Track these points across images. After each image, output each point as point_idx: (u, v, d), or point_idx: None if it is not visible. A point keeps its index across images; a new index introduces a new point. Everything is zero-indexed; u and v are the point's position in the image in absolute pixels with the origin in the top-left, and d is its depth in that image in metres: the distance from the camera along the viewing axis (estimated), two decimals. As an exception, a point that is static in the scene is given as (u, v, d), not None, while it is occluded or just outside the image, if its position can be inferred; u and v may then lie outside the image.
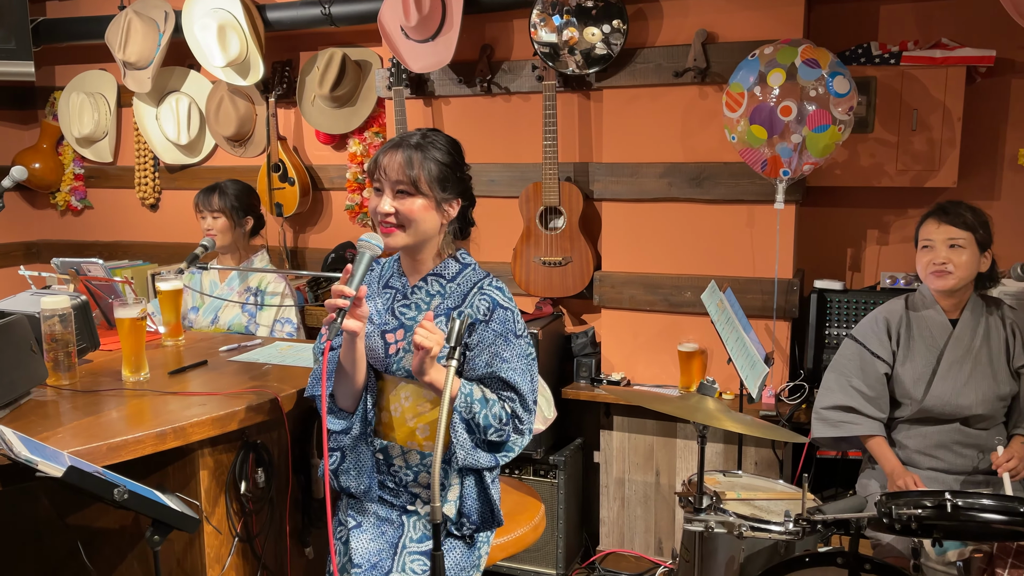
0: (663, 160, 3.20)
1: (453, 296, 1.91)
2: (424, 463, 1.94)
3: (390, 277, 1.99)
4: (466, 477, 1.95)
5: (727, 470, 2.54)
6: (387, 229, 1.84)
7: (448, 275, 1.93)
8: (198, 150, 4.39)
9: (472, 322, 1.86)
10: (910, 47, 3.00)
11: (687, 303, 3.21)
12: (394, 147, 1.85)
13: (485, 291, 1.89)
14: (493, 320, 1.87)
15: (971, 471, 2.40)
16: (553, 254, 3.38)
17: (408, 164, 1.82)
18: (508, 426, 1.87)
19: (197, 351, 2.57)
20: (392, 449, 1.95)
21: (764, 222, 3.08)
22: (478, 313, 1.87)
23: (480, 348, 1.86)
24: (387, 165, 1.83)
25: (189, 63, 4.26)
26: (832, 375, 2.55)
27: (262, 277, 3.18)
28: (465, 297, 1.90)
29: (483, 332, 1.87)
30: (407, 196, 1.83)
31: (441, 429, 1.56)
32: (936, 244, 2.39)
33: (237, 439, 2.05)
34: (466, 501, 1.94)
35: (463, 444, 1.84)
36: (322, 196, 4.19)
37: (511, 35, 3.43)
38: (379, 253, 1.80)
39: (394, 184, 1.83)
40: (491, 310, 1.87)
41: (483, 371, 1.86)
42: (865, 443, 2.50)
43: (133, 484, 1.63)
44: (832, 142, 2.74)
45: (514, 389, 1.86)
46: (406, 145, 1.85)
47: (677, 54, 3.10)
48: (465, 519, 1.95)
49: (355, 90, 3.91)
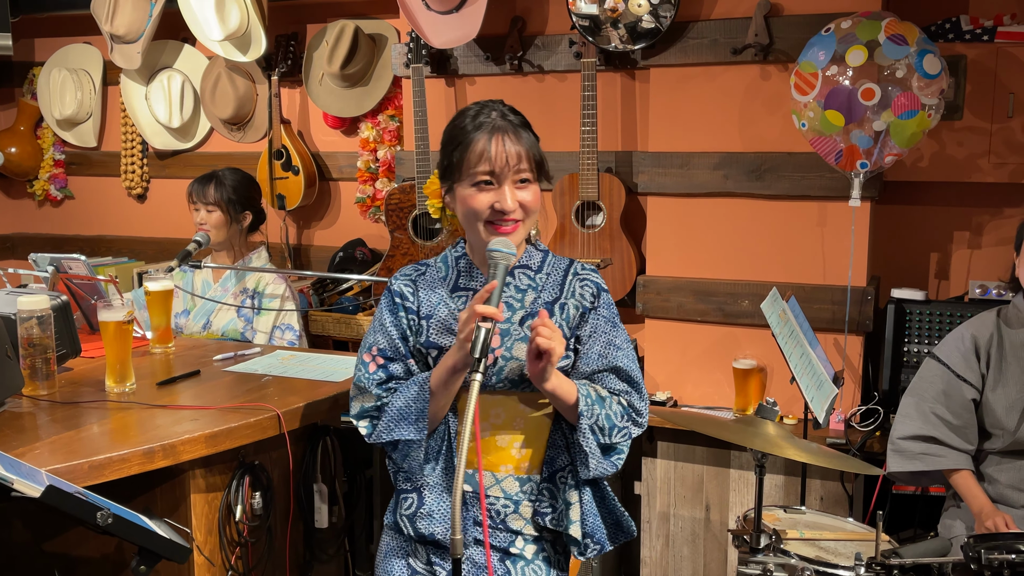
0: (718, 149, 3.20)
1: (548, 288, 1.92)
2: (525, 489, 1.91)
3: (457, 278, 1.93)
4: (583, 491, 1.92)
5: (788, 505, 2.53)
6: (511, 228, 1.82)
7: (534, 265, 1.94)
8: (192, 134, 4.44)
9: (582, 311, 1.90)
10: (1006, 21, 2.97)
11: (744, 313, 3.20)
12: (494, 131, 1.82)
13: (583, 276, 1.94)
14: (601, 305, 1.92)
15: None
16: (590, 255, 3.38)
17: (527, 147, 1.84)
18: (629, 423, 1.90)
19: (189, 359, 2.60)
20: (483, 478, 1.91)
21: (835, 221, 3.06)
22: (584, 300, 1.91)
23: (594, 338, 1.90)
24: (499, 153, 1.81)
25: (183, 36, 4.30)
26: (911, 400, 2.53)
27: (259, 277, 3.22)
28: (562, 286, 1.92)
29: (595, 320, 1.91)
30: (528, 184, 1.85)
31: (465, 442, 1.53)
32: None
33: (233, 459, 2.07)
34: (587, 519, 1.91)
35: (594, 452, 1.85)
36: (330, 187, 4.22)
37: (546, 6, 3.44)
38: (513, 261, 1.79)
39: (516, 172, 1.82)
40: (597, 295, 1.92)
41: (597, 364, 1.89)
42: (949, 478, 2.47)
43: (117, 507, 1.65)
44: (920, 130, 2.71)
45: (629, 378, 1.90)
46: (505, 125, 1.84)
47: (735, 28, 3.10)
48: (589, 539, 1.92)
49: (368, 68, 3.93)
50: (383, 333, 1.91)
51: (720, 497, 3.28)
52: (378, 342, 1.91)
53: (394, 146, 3.96)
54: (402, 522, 1.91)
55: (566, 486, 1.92)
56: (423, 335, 1.90)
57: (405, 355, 1.90)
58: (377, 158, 3.99)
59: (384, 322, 1.91)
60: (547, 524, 1.92)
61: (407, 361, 1.91)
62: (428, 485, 1.90)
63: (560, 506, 1.92)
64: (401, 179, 3.76)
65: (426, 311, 1.91)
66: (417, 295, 1.92)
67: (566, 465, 1.92)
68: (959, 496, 2.47)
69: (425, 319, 1.90)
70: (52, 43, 4.71)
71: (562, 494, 1.92)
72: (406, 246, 3.59)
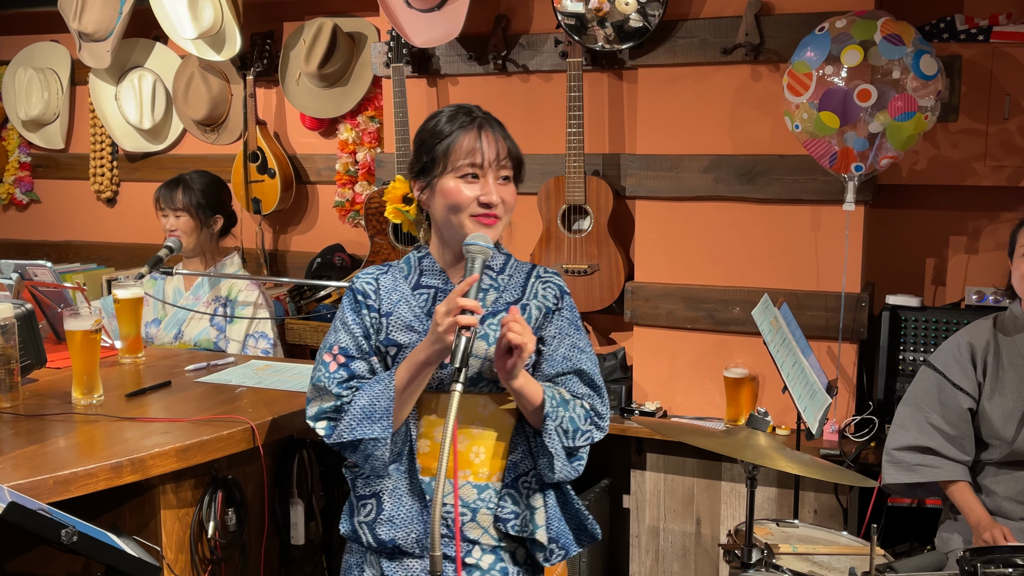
0: (708, 152, 3.21)
1: (510, 288, 1.97)
2: (483, 497, 1.92)
3: (419, 276, 1.97)
4: (547, 495, 1.96)
5: (781, 519, 2.53)
6: (492, 221, 1.88)
7: (496, 266, 1.99)
8: (163, 136, 4.43)
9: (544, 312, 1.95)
10: (1001, 21, 3.00)
11: (735, 320, 3.21)
12: (482, 126, 1.89)
13: (545, 278, 1.99)
14: (564, 307, 1.97)
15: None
16: (577, 261, 3.39)
17: (508, 144, 1.91)
18: (591, 426, 1.93)
19: (159, 370, 2.59)
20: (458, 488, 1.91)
21: (828, 226, 3.08)
22: (548, 301, 1.96)
23: (558, 340, 1.94)
24: (488, 145, 1.88)
25: (155, 34, 4.30)
26: (907, 410, 2.54)
27: (232, 284, 3.20)
28: (524, 288, 1.97)
29: (559, 322, 1.96)
30: (508, 182, 1.91)
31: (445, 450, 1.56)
32: (1037, 251, 2.39)
33: (205, 474, 2.05)
34: (552, 523, 1.95)
35: (559, 454, 1.88)
36: (307, 190, 4.22)
37: (530, 4, 3.45)
38: (490, 255, 1.83)
39: (500, 168, 1.89)
40: (560, 297, 1.98)
41: (561, 366, 1.93)
42: (946, 490, 2.48)
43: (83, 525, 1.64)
44: (916, 132, 2.74)
45: (592, 382, 1.95)
46: (490, 122, 1.92)
47: (726, 27, 3.12)
48: (555, 544, 1.94)
49: (347, 67, 3.93)
50: (345, 331, 1.93)
51: (711, 510, 3.28)
52: (340, 340, 1.92)
53: (374, 148, 3.96)
54: (361, 530, 1.92)
55: (530, 491, 1.94)
56: (383, 332, 1.93)
57: (368, 353, 1.93)
58: (356, 160, 3.99)
59: (346, 320, 1.93)
60: (510, 531, 1.93)
61: (370, 359, 1.93)
62: (387, 490, 1.91)
63: (524, 512, 1.93)
64: (381, 182, 3.76)
65: (387, 308, 1.95)
66: (379, 293, 1.96)
67: (529, 470, 1.95)
68: (956, 508, 2.48)
69: (386, 316, 1.94)
70: (18, 41, 4.68)
71: (525, 499, 1.94)
72: (386, 251, 3.59)
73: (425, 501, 1.91)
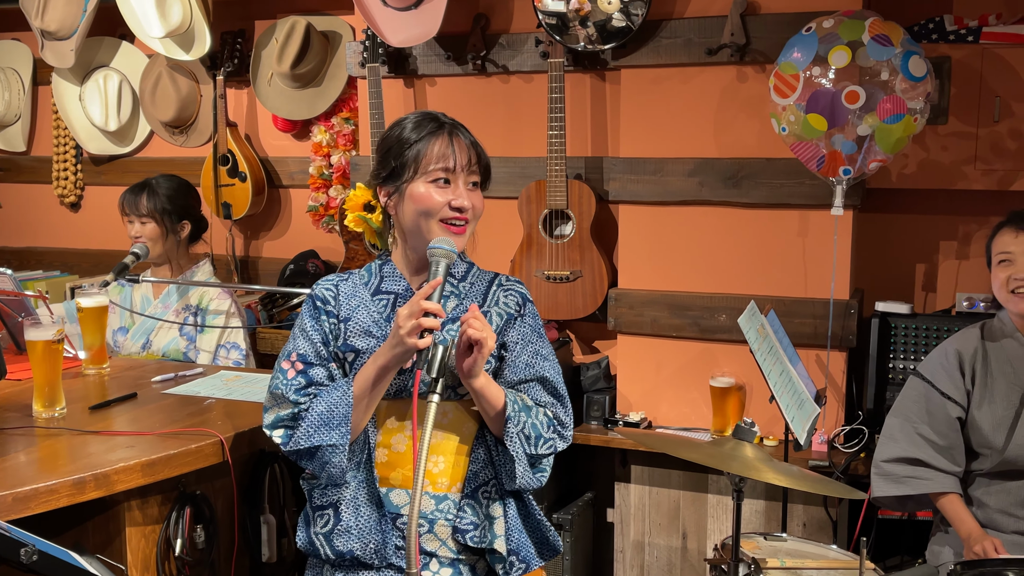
0: (693, 155, 3.22)
1: (471, 296, 2.01)
2: (441, 508, 1.94)
3: (379, 282, 2.02)
4: (507, 505, 1.97)
5: (769, 533, 2.54)
6: (461, 228, 1.93)
7: (459, 274, 2.03)
8: (130, 138, 4.41)
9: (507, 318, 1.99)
10: (991, 21, 3.03)
11: (721, 328, 3.22)
12: (452, 132, 1.94)
13: (507, 286, 2.04)
14: (527, 314, 2.02)
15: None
16: (559, 267, 3.39)
17: (478, 151, 1.96)
18: (554, 435, 1.97)
19: (125, 381, 2.57)
20: (396, 496, 1.95)
21: (816, 231, 3.10)
22: (509, 308, 2.00)
23: (521, 347, 1.98)
24: (460, 150, 1.93)
25: (120, 33, 4.28)
26: (896, 420, 2.56)
27: (203, 292, 3.19)
28: (486, 295, 2.01)
29: (521, 328, 2.00)
30: (476, 188, 1.96)
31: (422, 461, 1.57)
32: (1016, 257, 2.41)
33: (172, 489, 2.05)
34: (512, 534, 1.96)
35: (521, 459, 1.91)
36: (279, 195, 4.20)
37: (510, 3, 3.46)
38: (454, 259, 1.87)
39: (469, 174, 1.94)
40: (522, 304, 2.02)
41: (524, 373, 1.96)
42: (936, 502, 2.50)
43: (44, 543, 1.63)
44: (906, 135, 2.76)
45: (555, 391, 1.98)
46: (459, 128, 1.97)
47: (711, 27, 3.13)
48: (515, 556, 1.96)
49: (321, 67, 3.93)
50: (304, 338, 1.97)
51: (698, 524, 3.29)
52: (298, 347, 1.96)
53: (349, 151, 3.95)
54: (317, 541, 1.95)
55: (489, 501, 1.96)
56: (340, 338, 1.97)
57: (327, 359, 1.96)
58: (331, 163, 3.98)
59: (305, 327, 1.98)
60: (468, 542, 1.94)
61: (328, 365, 1.96)
62: (345, 500, 1.93)
63: (483, 522, 1.95)
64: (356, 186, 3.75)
65: (345, 314, 1.98)
66: (338, 299, 2.00)
67: (490, 479, 1.97)
68: (947, 521, 2.49)
69: (344, 322, 1.98)
70: (-23, 39, 4.65)
71: (484, 509, 1.96)
72: (362, 257, 3.58)
73: (383, 511, 1.93)
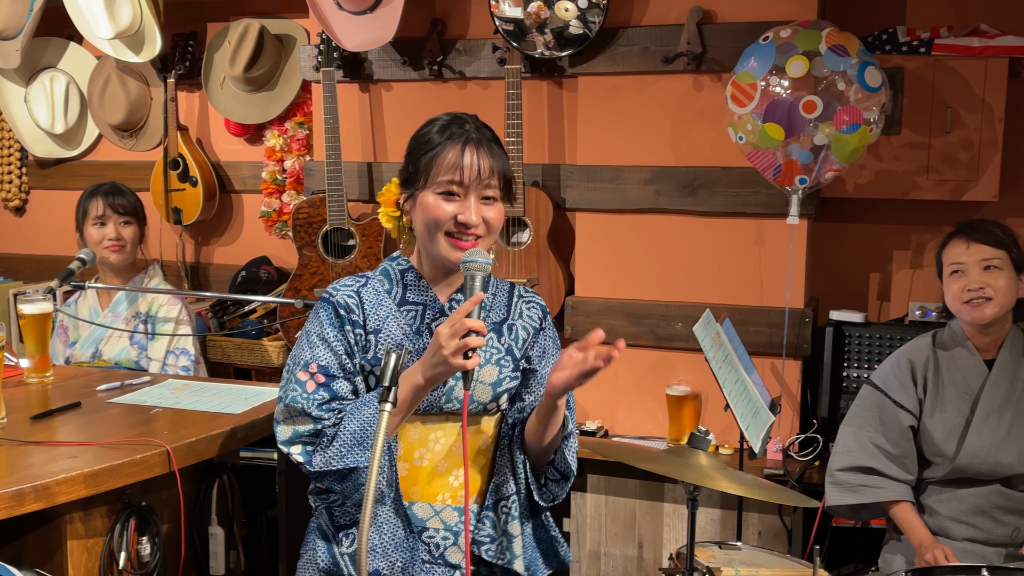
0: (650, 163, 3.25)
1: (496, 308, 1.99)
2: (464, 520, 1.88)
3: (404, 292, 1.93)
4: (525, 523, 1.98)
5: (724, 542, 2.56)
6: (471, 243, 1.85)
7: None
8: (77, 141, 4.36)
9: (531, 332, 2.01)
10: (943, 33, 3.09)
11: (678, 336, 3.25)
12: (468, 141, 1.86)
13: (527, 297, 2.05)
14: (548, 327, 2.05)
15: (1015, 541, 2.45)
16: (516, 275, 3.40)
17: (499, 163, 1.88)
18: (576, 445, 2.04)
19: (69, 390, 2.54)
20: (420, 510, 1.91)
21: (772, 240, 3.14)
22: (532, 322, 2.02)
23: (546, 360, 2.01)
24: (471, 164, 1.84)
25: (68, 33, 4.23)
26: (849, 429, 2.60)
27: (153, 299, 3.16)
28: (509, 307, 2.01)
29: (544, 342, 2.03)
30: (493, 202, 1.88)
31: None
32: (968, 267, 2.46)
33: (116, 501, 2.03)
34: (528, 551, 1.97)
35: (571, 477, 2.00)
36: (231, 200, 4.17)
37: (467, 8, 3.47)
38: (489, 271, 1.82)
39: (484, 188, 1.86)
40: (543, 317, 2.05)
41: None
42: (889, 510, 2.54)
43: (-19, 557, 1.60)
44: (862, 145, 2.81)
45: (569, 403, 2.00)
46: (481, 136, 1.88)
47: (667, 36, 3.17)
48: (527, 573, 1.96)
49: (275, 71, 3.91)
50: (325, 348, 1.85)
51: (654, 533, 3.31)
52: (318, 358, 1.84)
53: (303, 156, 3.94)
54: (343, 562, 1.88)
55: (508, 517, 1.95)
56: (371, 351, 1.87)
57: (353, 372, 1.86)
58: (284, 169, 3.96)
59: (326, 336, 1.86)
60: (484, 555, 1.92)
61: (355, 379, 1.87)
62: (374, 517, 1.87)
63: (500, 538, 1.94)
64: (310, 191, 3.74)
65: (373, 325, 1.88)
66: (363, 308, 1.89)
67: (511, 494, 1.96)
68: (899, 529, 2.53)
69: (373, 334, 1.88)
70: (-82, 38, 4.56)
71: (503, 525, 1.94)
72: (315, 264, 3.56)
73: (409, 528, 1.88)
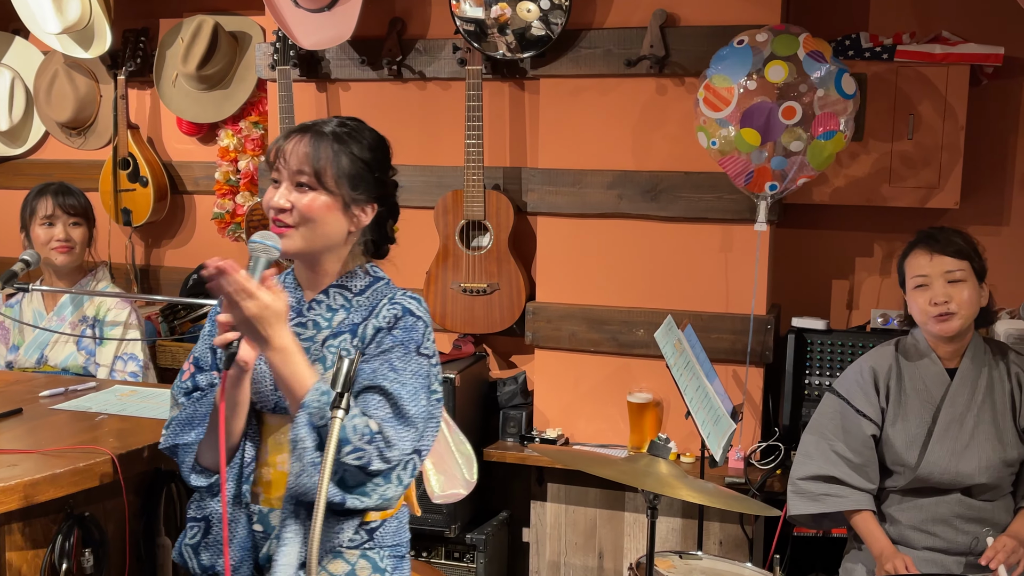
0: (612, 167, 3.26)
1: (360, 310, 1.94)
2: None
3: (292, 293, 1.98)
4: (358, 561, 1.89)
5: (684, 551, 2.57)
6: (280, 229, 1.87)
7: (355, 288, 1.96)
8: (23, 139, 4.32)
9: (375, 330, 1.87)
10: (905, 40, 3.13)
11: (639, 343, 3.25)
12: (302, 131, 1.90)
13: (398, 300, 1.92)
14: (398, 328, 1.87)
15: (974, 551, 2.48)
16: (476, 279, 3.39)
17: (315, 152, 1.88)
18: (370, 446, 1.76)
19: (10, 396, 2.50)
20: (274, 517, 1.90)
21: (735, 246, 3.16)
22: (382, 321, 1.88)
23: (373, 356, 1.85)
24: (290, 152, 1.88)
25: (14, 28, 4.19)
26: (811, 438, 2.61)
27: (100, 303, 3.11)
28: (373, 309, 1.92)
29: (382, 338, 1.87)
30: (308, 190, 1.88)
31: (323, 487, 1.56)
32: (932, 280, 2.47)
33: (58, 511, 2.00)
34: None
35: (301, 456, 1.74)
36: (183, 201, 4.14)
37: (427, 7, 3.46)
38: (276, 256, 1.81)
39: (295, 175, 1.87)
40: (398, 317, 1.88)
41: (367, 380, 1.82)
42: (850, 519, 2.56)
43: (-87, 570, 1.56)
44: (835, 151, 2.84)
45: (397, 407, 1.81)
46: (317, 131, 1.91)
47: (630, 38, 3.18)
48: None
49: (229, 69, 3.88)
50: (203, 342, 2.01)
51: (614, 543, 3.31)
52: (196, 350, 2.00)
53: (257, 156, 3.90)
54: (186, 553, 1.94)
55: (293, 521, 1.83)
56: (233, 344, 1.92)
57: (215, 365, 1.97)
58: (238, 169, 3.93)
59: (204, 332, 2.02)
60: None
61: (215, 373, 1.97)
62: (217, 513, 1.91)
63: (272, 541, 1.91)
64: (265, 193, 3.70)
65: None
66: None
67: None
68: (860, 538, 2.55)
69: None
70: None
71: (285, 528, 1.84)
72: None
73: (250, 527, 1.92)
